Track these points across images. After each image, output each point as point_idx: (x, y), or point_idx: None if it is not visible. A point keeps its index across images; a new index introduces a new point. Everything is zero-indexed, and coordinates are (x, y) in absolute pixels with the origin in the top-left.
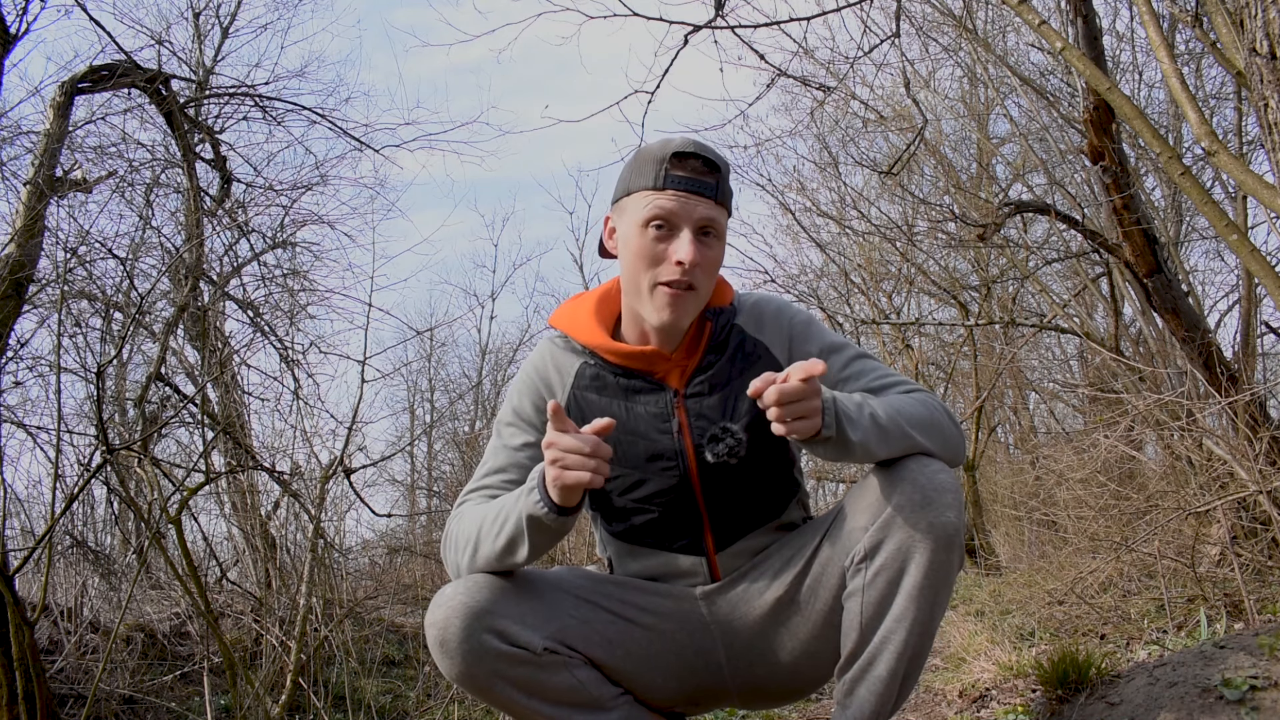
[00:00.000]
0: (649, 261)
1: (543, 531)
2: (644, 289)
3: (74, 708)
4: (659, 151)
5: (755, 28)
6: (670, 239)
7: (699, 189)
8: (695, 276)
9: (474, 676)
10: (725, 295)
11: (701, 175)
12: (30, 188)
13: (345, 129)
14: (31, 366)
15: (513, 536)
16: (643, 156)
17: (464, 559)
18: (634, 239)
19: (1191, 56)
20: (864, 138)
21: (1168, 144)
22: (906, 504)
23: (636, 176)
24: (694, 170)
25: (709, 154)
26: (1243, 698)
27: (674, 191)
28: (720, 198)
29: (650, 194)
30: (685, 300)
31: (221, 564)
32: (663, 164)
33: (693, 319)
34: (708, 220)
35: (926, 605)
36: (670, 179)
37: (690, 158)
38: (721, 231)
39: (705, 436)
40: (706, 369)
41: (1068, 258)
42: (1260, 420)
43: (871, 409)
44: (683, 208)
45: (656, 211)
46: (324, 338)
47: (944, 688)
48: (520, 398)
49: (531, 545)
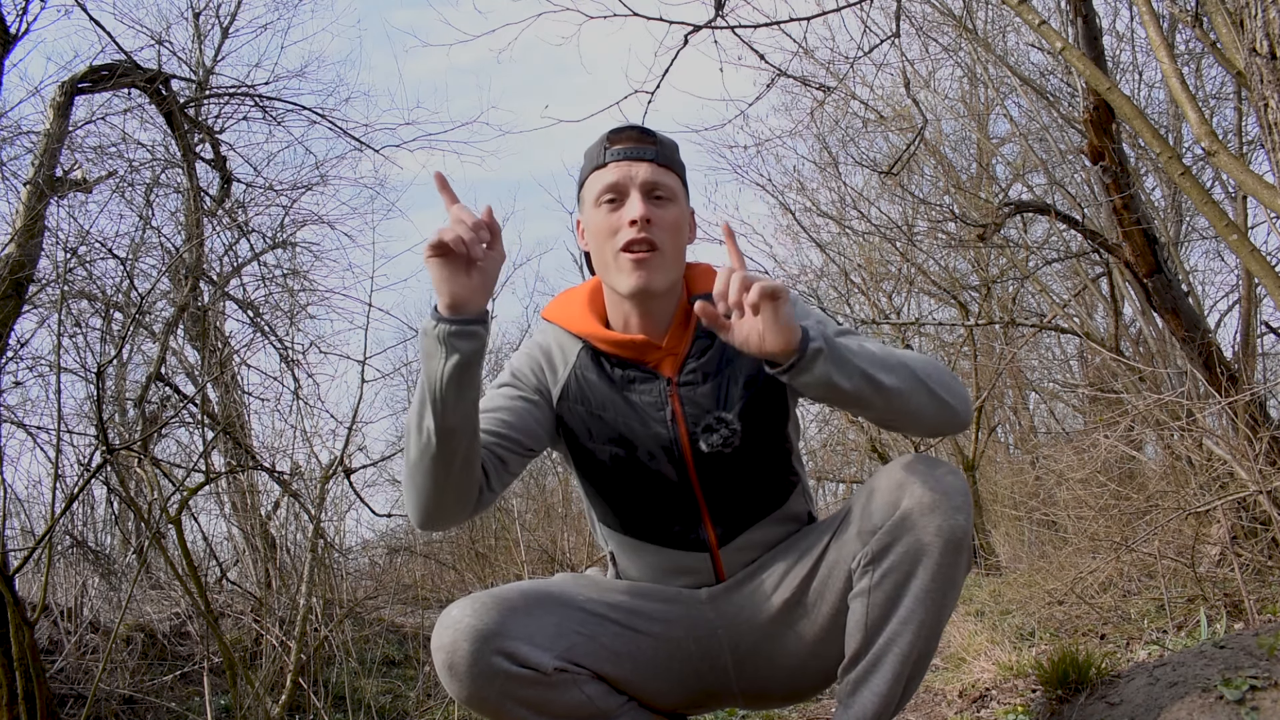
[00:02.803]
0: (607, 233)
1: (432, 357)
2: (609, 261)
3: (74, 708)
4: (599, 137)
5: (755, 28)
6: (620, 206)
7: (637, 155)
8: (653, 233)
9: (484, 699)
10: (711, 281)
11: (638, 143)
12: (30, 188)
13: (345, 129)
14: (31, 366)
15: (420, 393)
16: (588, 149)
17: (407, 458)
18: (592, 220)
19: (1191, 56)
20: (864, 138)
21: (1168, 144)
22: (915, 506)
23: (585, 165)
24: (630, 139)
25: (644, 128)
26: (1243, 698)
27: (615, 163)
28: (662, 160)
29: (596, 173)
30: (650, 261)
31: (221, 564)
32: (602, 144)
33: (666, 284)
34: (653, 181)
35: (934, 608)
36: (610, 153)
37: (625, 130)
38: (673, 194)
39: (700, 426)
40: (698, 355)
41: (1068, 258)
42: (1260, 420)
43: (860, 338)
44: (625, 173)
45: (604, 184)
46: (324, 338)
47: (944, 688)
48: (520, 364)
49: (432, 389)
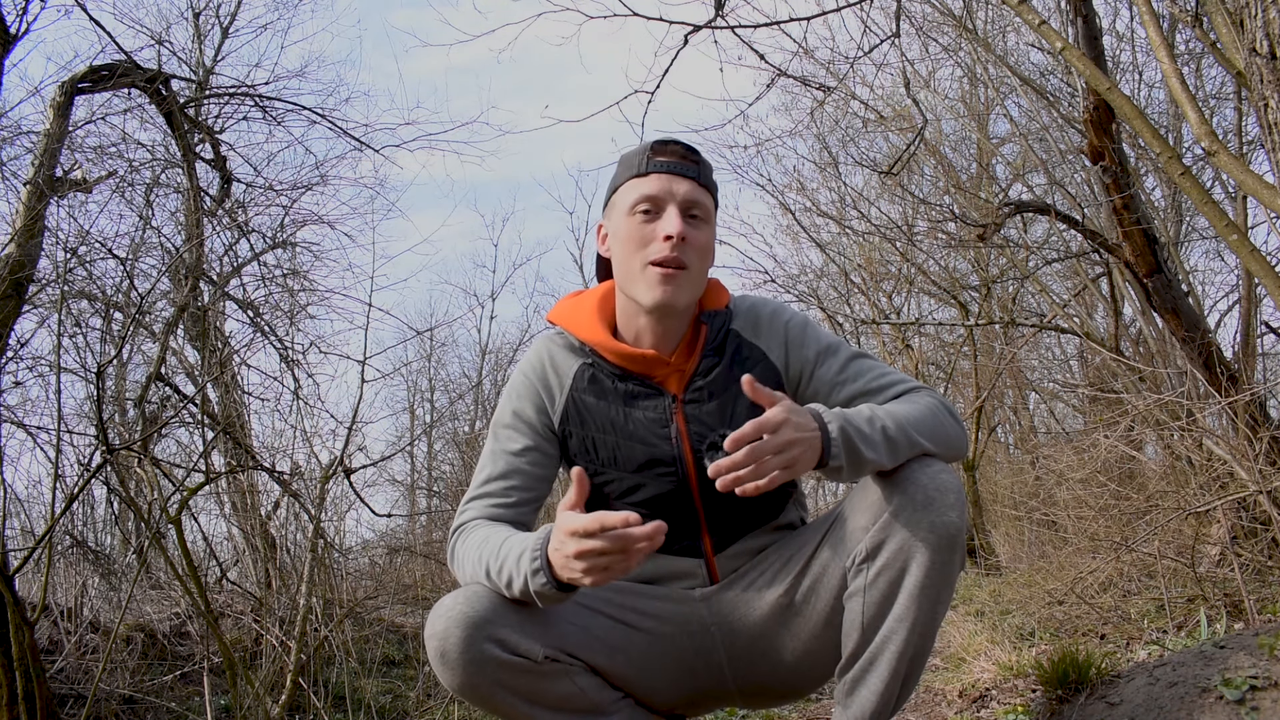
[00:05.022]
0: (638, 243)
1: (512, 586)
2: (635, 271)
3: (74, 708)
4: (641, 145)
5: (755, 28)
6: (657, 219)
7: (681, 170)
8: (685, 253)
9: (476, 687)
10: (720, 298)
11: (683, 159)
12: (30, 188)
13: (345, 129)
14: (31, 366)
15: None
16: (627, 155)
17: (463, 572)
18: (623, 227)
19: (1191, 56)
20: (864, 138)
21: (1168, 144)
22: (908, 504)
23: (622, 171)
24: (675, 154)
25: (690, 145)
26: (1243, 698)
27: (657, 175)
28: (703, 181)
29: (635, 180)
30: (677, 279)
31: (221, 564)
32: (645, 153)
33: (688, 301)
34: (692, 200)
35: (928, 606)
36: (653, 164)
37: (671, 144)
38: (708, 215)
39: (705, 444)
40: (705, 374)
41: (1068, 258)
42: (1260, 420)
43: (882, 423)
44: (666, 187)
45: (641, 194)
46: (324, 338)
47: (944, 688)
48: (520, 400)
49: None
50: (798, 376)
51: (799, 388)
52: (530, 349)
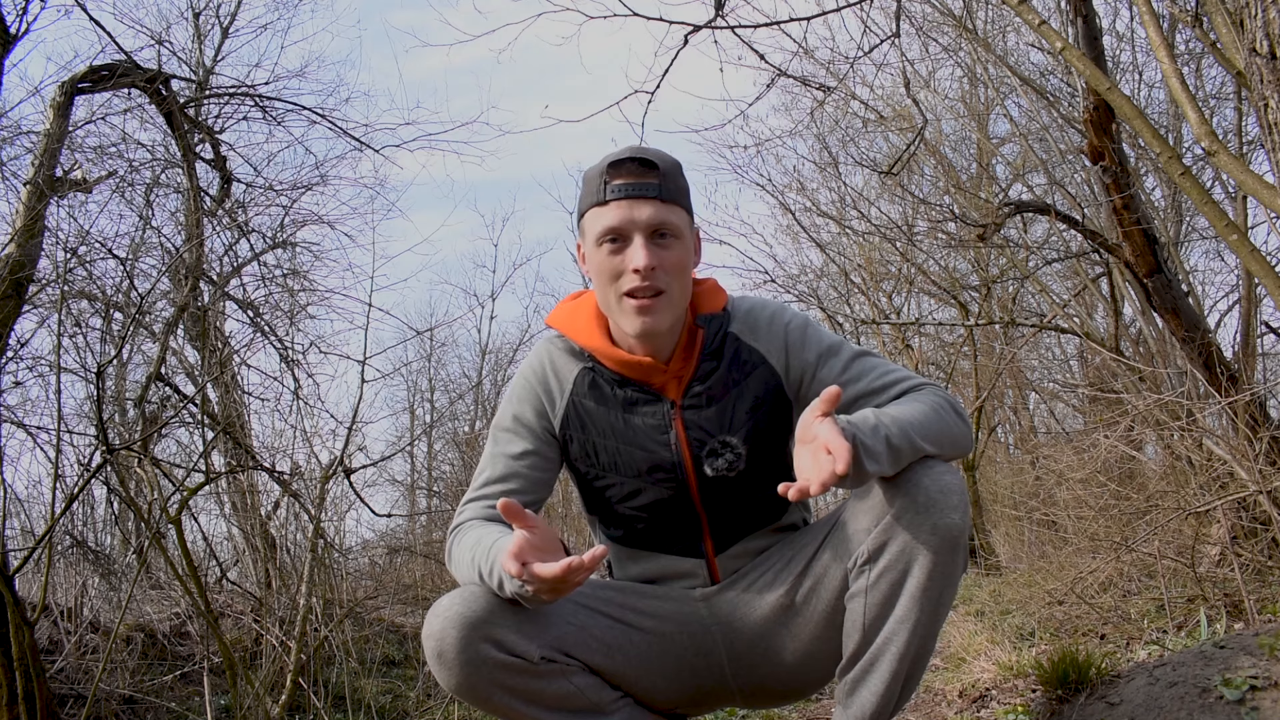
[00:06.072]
0: (610, 276)
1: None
2: (613, 302)
3: (74, 708)
4: (599, 166)
5: (755, 28)
6: (624, 249)
7: (639, 192)
8: (658, 279)
9: (473, 687)
10: (718, 301)
11: (640, 178)
12: (30, 188)
13: (345, 129)
14: (31, 366)
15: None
16: (587, 175)
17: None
18: (593, 257)
19: (1191, 56)
20: (864, 138)
21: (1168, 144)
22: (911, 506)
23: (585, 196)
24: (631, 174)
25: (647, 155)
26: (1243, 698)
27: (616, 201)
28: (666, 196)
29: (596, 210)
30: (656, 306)
31: (221, 564)
32: (602, 177)
33: (672, 322)
34: (656, 222)
35: (930, 607)
36: (610, 189)
37: (626, 163)
38: (677, 229)
39: (704, 450)
40: (703, 379)
41: (1068, 258)
42: (1260, 420)
43: (886, 431)
44: (626, 216)
45: (605, 226)
46: (324, 338)
47: (944, 688)
48: (521, 404)
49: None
50: (798, 380)
51: (800, 390)
52: (532, 352)
